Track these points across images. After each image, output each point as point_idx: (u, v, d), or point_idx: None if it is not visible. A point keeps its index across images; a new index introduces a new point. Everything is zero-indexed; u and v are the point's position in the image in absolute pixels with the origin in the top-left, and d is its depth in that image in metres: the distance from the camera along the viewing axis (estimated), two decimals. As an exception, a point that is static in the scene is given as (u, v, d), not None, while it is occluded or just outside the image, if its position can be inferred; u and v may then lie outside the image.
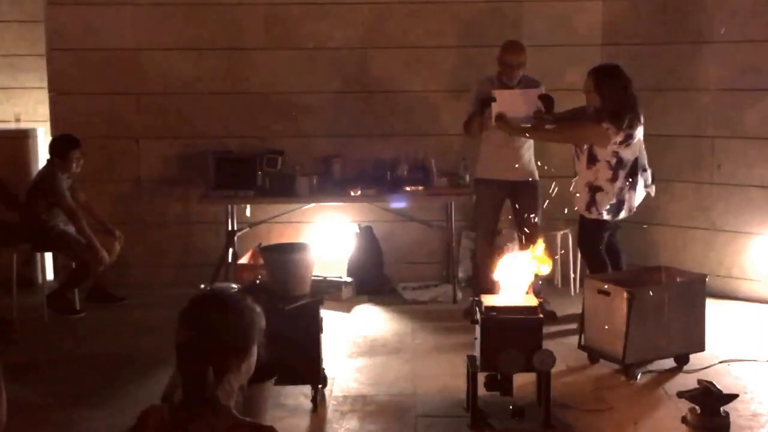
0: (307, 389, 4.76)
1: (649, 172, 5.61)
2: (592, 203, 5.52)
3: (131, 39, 7.03)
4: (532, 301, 4.59)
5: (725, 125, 6.61)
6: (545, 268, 4.69)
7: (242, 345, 2.17)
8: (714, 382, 4.41)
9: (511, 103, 5.78)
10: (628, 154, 5.45)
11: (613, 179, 5.46)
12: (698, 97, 6.73)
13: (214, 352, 2.12)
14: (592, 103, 5.52)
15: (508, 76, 5.95)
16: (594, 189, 5.50)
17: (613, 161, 5.43)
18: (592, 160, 5.47)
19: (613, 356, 5.11)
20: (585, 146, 5.51)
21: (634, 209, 5.64)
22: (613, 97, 5.40)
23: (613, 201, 5.49)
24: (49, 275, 7.00)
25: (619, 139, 5.38)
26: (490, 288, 4.88)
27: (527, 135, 5.91)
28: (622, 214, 5.58)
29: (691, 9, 6.69)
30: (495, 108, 5.75)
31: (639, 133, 5.46)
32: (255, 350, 2.21)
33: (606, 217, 5.54)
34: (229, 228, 6.80)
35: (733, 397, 4.40)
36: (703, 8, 6.63)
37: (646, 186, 5.61)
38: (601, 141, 5.40)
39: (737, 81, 6.52)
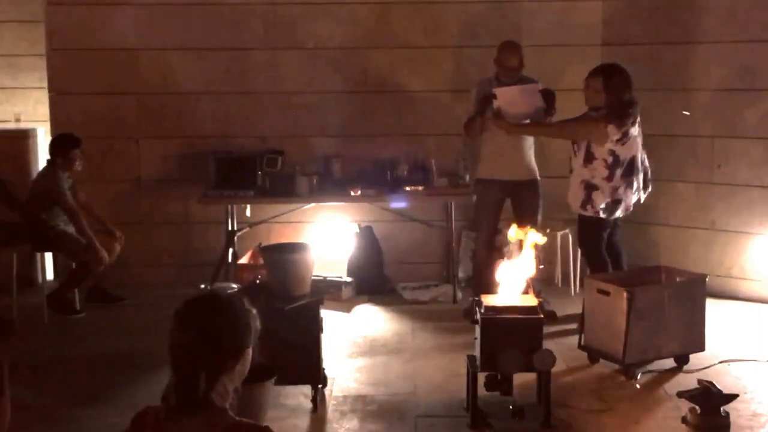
0: (307, 389, 4.76)
1: (641, 175, 5.60)
2: (587, 201, 5.53)
3: (131, 39, 7.03)
4: (532, 301, 4.59)
5: (725, 125, 6.60)
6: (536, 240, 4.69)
7: (236, 347, 2.16)
8: (714, 382, 4.42)
9: (512, 99, 5.78)
10: (624, 153, 5.46)
11: (609, 178, 5.47)
12: (698, 97, 6.73)
13: (208, 353, 2.12)
14: (595, 102, 5.51)
15: (506, 77, 5.95)
16: (590, 187, 5.51)
17: (610, 159, 5.44)
18: (590, 158, 5.48)
19: (613, 356, 5.11)
20: (583, 144, 5.52)
21: (631, 208, 5.65)
22: (620, 96, 5.42)
23: (608, 200, 5.50)
24: (49, 275, 7.00)
25: (616, 137, 5.40)
26: (490, 288, 4.88)
27: (525, 131, 5.90)
28: (618, 213, 5.59)
29: (691, 9, 6.69)
30: (496, 105, 5.75)
31: (634, 131, 5.48)
32: (249, 352, 2.20)
33: (603, 215, 5.55)
34: (229, 228, 6.79)
35: (733, 397, 4.40)
36: (703, 8, 6.63)
37: (639, 189, 5.62)
38: (600, 138, 5.42)
39: (737, 81, 6.52)
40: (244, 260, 6.66)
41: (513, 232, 4.85)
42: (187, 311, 2.17)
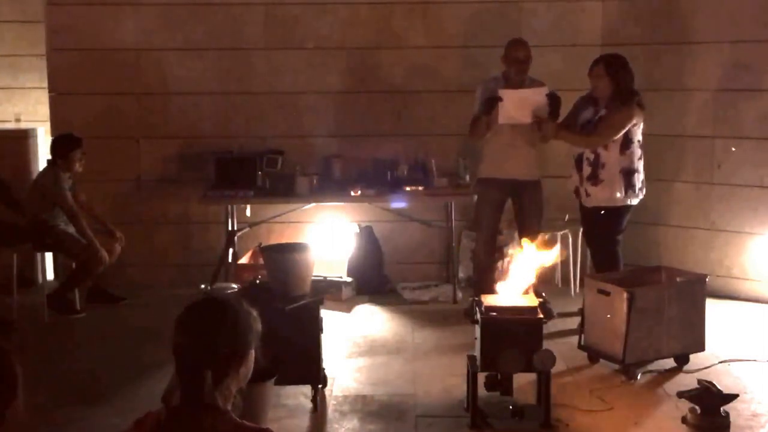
0: (307, 389, 4.76)
1: None
2: (629, 187, 5.49)
3: (131, 39, 7.03)
4: (532, 301, 4.59)
5: (725, 125, 6.61)
6: (550, 257, 4.69)
7: (239, 350, 2.17)
8: (714, 382, 4.42)
9: (518, 101, 5.73)
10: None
11: (641, 157, 5.55)
12: (698, 97, 6.73)
13: (212, 357, 2.13)
14: (602, 90, 5.50)
15: (517, 71, 5.91)
16: (629, 173, 5.49)
17: (641, 139, 5.52)
18: (627, 144, 5.48)
19: (613, 356, 5.11)
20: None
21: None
22: (627, 79, 5.46)
23: (642, 178, 5.53)
24: (49, 275, 7.00)
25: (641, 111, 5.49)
26: (491, 288, 4.88)
27: (570, 139, 5.72)
28: (644, 191, 5.61)
29: (691, 9, 6.70)
30: (501, 107, 5.72)
31: None
32: (252, 355, 2.21)
33: (640, 197, 5.57)
34: (229, 228, 6.79)
35: (733, 397, 4.40)
36: (703, 8, 6.63)
37: None
38: (639, 119, 5.48)
39: (737, 81, 6.53)
40: (244, 260, 6.67)
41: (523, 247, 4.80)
42: (189, 317, 2.18)
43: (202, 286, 5.88)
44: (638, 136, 5.52)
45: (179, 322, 2.18)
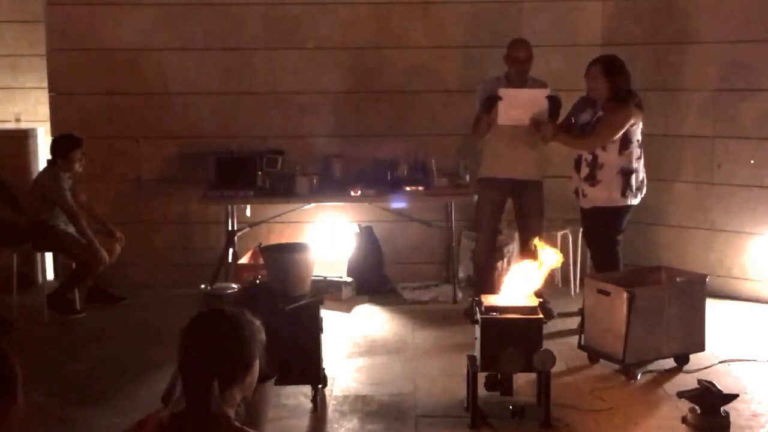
0: (307, 389, 4.76)
1: None
2: (626, 187, 5.48)
3: (131, 39, 7.03)
4: (532, 301, 4.59)
5: (725, 125, 6.61)
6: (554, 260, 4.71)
7: (245, 361, 2.19)
8: (714, 382, 4.42)
9: (518, 102, 5.73)
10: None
11: (640, 157, 5.54)
12: (698, 97, 6.73)
13: (218, 368, 2.14)
14: (599, 91, 5.49)
15: (518, 71, 5.91)
16: (627, 173, 5.47)
17: (641, 139, 5.51)
18: (626, 144, 5.47)
19: (613, 356, 5.11)
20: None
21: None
22: (624, 80, 5.46)
23: (641, 178, 5.53)
24: (49, 275, 7.00)
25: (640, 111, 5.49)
26: (491, 288, 4.88)
27: (566, 141, 5.72)
28: (644, 191, 5.60)
29: (691, 9, 6.70)
30: (501, 106, 5.72)
31: None
32: (257, 364, 2.22)
33: (639, 197, 5.56)
34: (229, 228, 6.79)
35: (733, 397, 4.40)
36: (703, 8, 6.63)
37: None
38: (637, 119, 5.47)
39: (737, 81, 6.53)
40: (244, 260, 6.67)
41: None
42: (194, 329, 2.19)
43: (202, 286, 5.88)
44: (637, 136, 5.52)
45: (185, 335, 2.18)
